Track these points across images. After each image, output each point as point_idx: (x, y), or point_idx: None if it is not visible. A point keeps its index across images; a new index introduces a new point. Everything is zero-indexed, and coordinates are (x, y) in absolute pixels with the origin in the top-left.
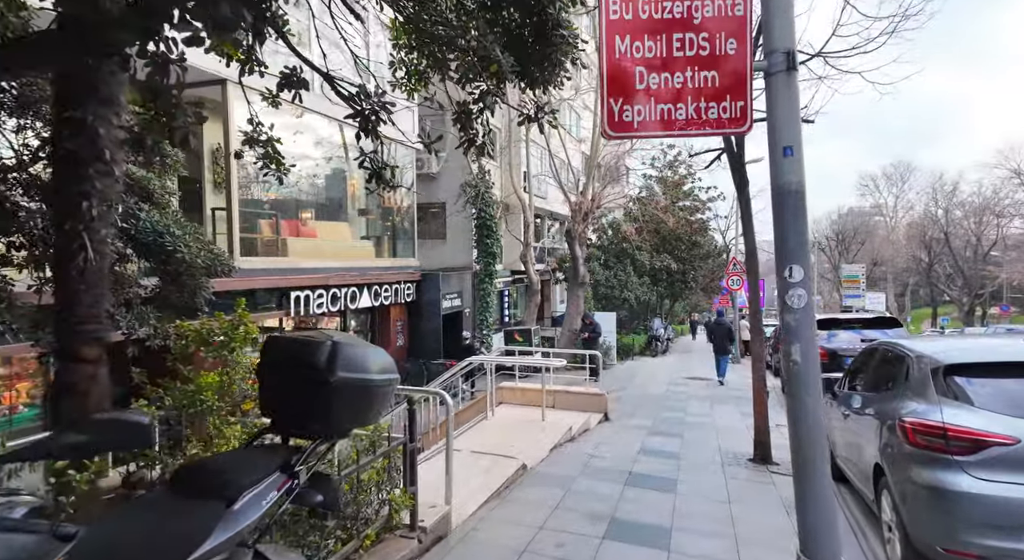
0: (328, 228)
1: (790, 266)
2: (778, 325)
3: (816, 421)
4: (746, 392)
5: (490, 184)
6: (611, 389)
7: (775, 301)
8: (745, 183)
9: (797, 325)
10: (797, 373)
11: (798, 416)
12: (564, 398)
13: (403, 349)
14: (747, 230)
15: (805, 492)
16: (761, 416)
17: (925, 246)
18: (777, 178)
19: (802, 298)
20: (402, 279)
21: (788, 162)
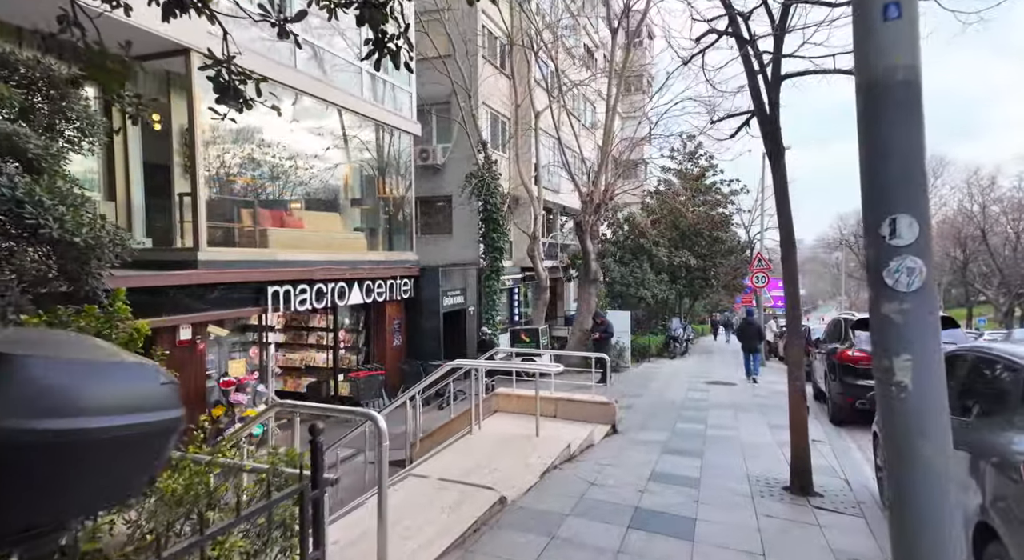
0: (317, 218)
1: (892, 217)
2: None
3: (943, 493)
4: (772, 399)
5: (497, 174)
6: (623, 394)
7: None
8: (780, 151)
9: (905, 322)
10: (905, 405)
11: (909, 482)
12: (566, 407)
13: (400, 349)
14: (782, 209)
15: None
16: (800, 436)
17: (960, 244)
18: (870, 61)
19: (915, 274)
20: (398, 274)
21: (890, 29)
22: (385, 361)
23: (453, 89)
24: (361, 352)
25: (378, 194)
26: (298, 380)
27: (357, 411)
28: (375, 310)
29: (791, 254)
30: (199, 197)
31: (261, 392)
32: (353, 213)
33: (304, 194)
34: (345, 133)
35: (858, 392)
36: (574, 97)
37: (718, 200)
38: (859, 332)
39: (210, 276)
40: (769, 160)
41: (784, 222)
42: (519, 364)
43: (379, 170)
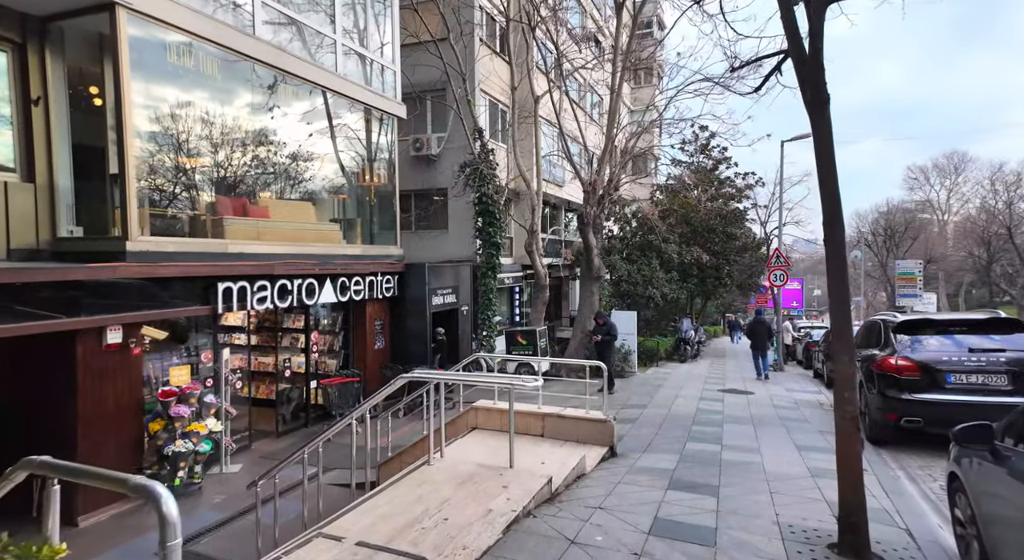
0: (284, 207)
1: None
2: (826, 328)
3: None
4: (796, 411)
5: (494, 165)
6: (626, 404)
7: (813, 302)
8: (823, 99)
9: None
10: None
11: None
12: (556, 425)
13: (384, 352)
14: (826, 176)
15: None
16: (850, 479)
17: (984, 242)
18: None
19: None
20: (379, 271)
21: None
22: (365, 365)
23: (447, 74)
24: (339, 356)
25: (358, 182)
26: (272, 386)
27: (132, 482)
28: (354, 310)
29: (837, 235)
30: (128, 178)
31: (211, 402)
32: (328, 203)
33: (269, 180)
34: (329, 114)
35: (902, 407)
36: (580, 89)
37: (732, 194)
38: (902, 336)
39: (142, 270)
40: (809, 113)
41: (829, 193)
42: (486, 377)
43: (359, 156)
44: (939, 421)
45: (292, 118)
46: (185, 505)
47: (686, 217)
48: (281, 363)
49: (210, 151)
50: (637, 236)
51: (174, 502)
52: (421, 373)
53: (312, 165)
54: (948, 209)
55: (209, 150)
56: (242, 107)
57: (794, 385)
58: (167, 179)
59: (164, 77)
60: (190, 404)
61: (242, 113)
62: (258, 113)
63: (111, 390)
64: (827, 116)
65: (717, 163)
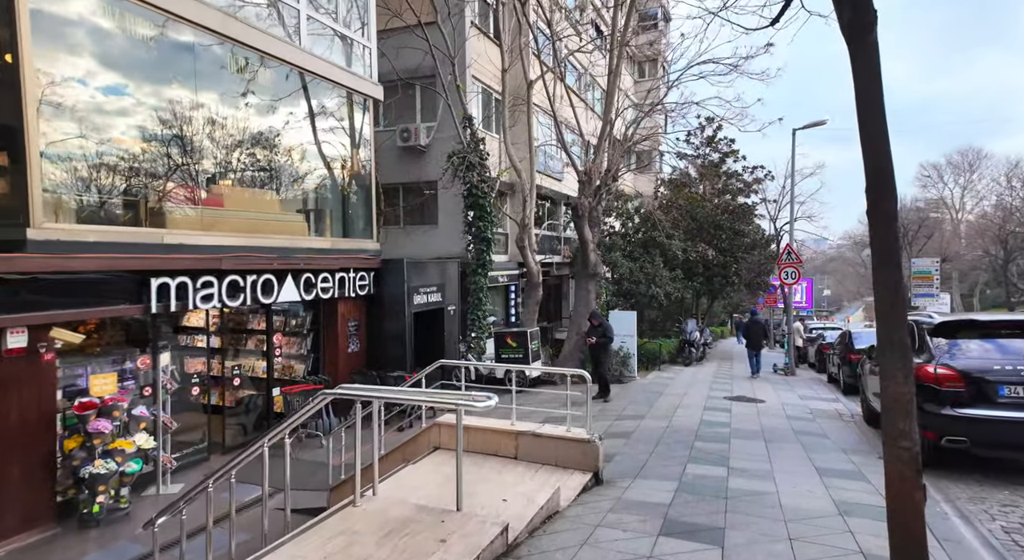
0: (243, 195)
1: None
2: (841, 329)
3: None
4: (812, 423)
5: (485, 155)
6: (621, 416)
7: (823, 302)
8: (867, 19)
9: None
10: None
11: None
12: (531, 445)
13: (358, 356)
14: (870, 120)
15: None
16: (908, 543)
17: (1000, 240)
18: None
19: None
20: (352, 266)
21: None
22: (337, 370)
23: (434, 59)
24: (308, 360)
25: (329, 170)
26: (236, 393)
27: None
28: (325, 309)
29: (886, 204)
30: (30, 156)
31: (141, 415)
32: (294, 191)
33: (224, 165)
34: (307, 95)
35: (943, 425)
36: (580, 80)
37: (740, 188)
38: (940, 340)
39: (49, 263)
40: (848, 40)
41: (874, 146)
42: (422, 394)
43: (331, 141)
44: (989, 442)
45: (251, 96)
46: (104, 536)
47: (691, 213)
48: (238, 368)
49: (149, 130)
50: (640, 232)
51: None
52: (345, 390)
53: (274, 149)
54: (962, 207)
55: (148, 129)
56: (186, 82)
57: (808, 391)
58: (93, 162)
59: (81, 42)
60: (113, 418)
61: (185, 89)
62: (206, 90)
63: (15, 402)
64: (872, 42)
65: (724, 156)
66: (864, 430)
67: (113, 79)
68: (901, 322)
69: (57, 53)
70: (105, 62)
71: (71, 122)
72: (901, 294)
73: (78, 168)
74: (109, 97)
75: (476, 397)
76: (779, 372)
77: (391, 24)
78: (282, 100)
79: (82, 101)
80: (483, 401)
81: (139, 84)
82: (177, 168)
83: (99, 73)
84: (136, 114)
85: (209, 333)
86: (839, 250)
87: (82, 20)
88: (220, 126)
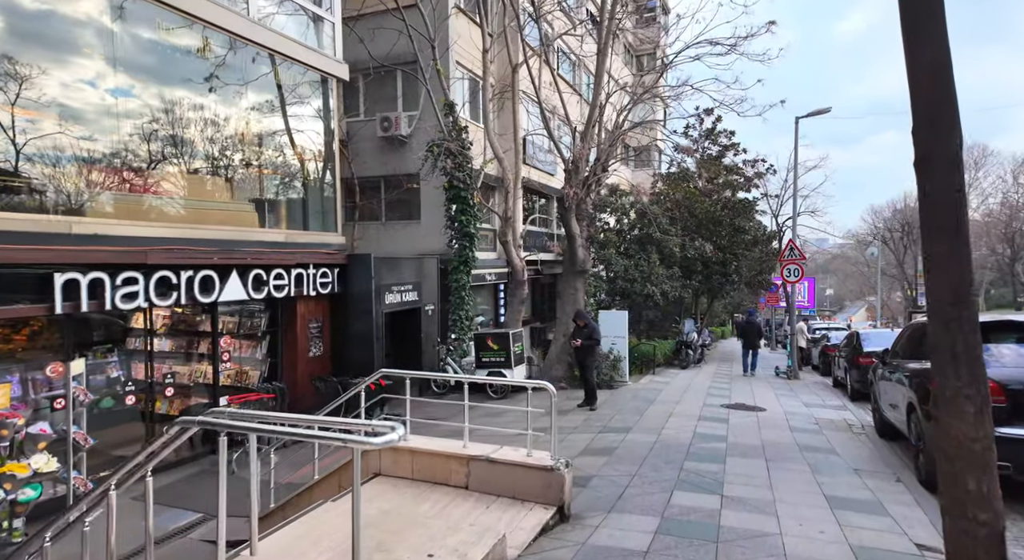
0: (179, 180)
1: None
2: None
3: None
4: (819, 435)
5: (467, 144)
6: (606, 428)
7: (824, 301)
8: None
9: None
10: None
11: None
12: (485, 473)
13: (322, 360)
14: (923, 24)
15: None
16: None
17: (1006, 239)
18: None
19: None
20: (312, 261)
21: None
22: (296, 376)
23: (412, 42)
24: (264, 365)
25: (284, 156)
26: (187, 401)
27: None
28: (284, 309)
29: (945, 147)
30: None
31: (41, 434)
32: (240, 177)
33: (157, 147)
34: (277, 78)
35: None
36: (576, 71)
37: (740, 183)
38: None
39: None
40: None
41: (929, 59)
42: (326, 423)
43: (287, 123)
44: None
45: (184, 67)
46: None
47: (690, 208)
48: (172, 375)
49: (54, 101)
50: (636, 229)
51: None
52: (212, 419)
53: (216, 129)
54: (967, 204)
55: (53, 100)
56: (100, 45)
57: (812, 397)
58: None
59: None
60: (1, 437)
61: (98, 56)
62: (127, 58)
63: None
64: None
65: (724, 149)
66: (877, 444)
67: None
68: (969, 322)
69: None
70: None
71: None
72: (967, 280)
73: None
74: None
75: (378, 428)
76: (781, 375)
77: (369, 5)
78: (224, 72)
79: None
80: (384, 434)
81: (46, 48)
82: (103, 151)
83: None
84: (40, 84)
85: (154, 335)
86: (842, 249)
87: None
88: (145, 101)
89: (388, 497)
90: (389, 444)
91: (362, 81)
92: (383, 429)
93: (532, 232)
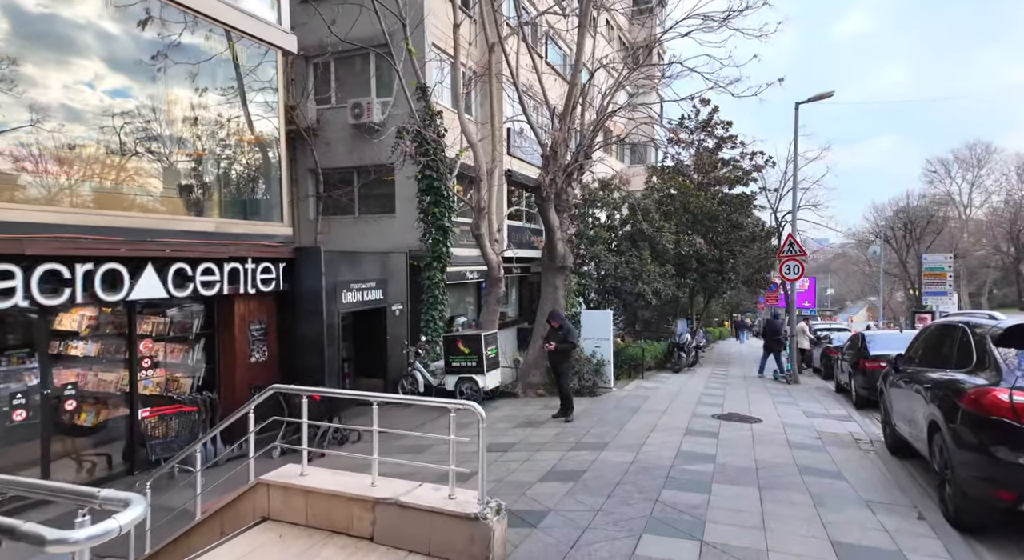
0: (83, 160)
1: None
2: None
3: None
4: (822, 453)
5: (441, 131)
6: (579, 444)
7: (825, 301)
8: None
9: None
10: None
11: None
12: (393, 521)
13: (267, 367)
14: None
15: None
16: None
17: (1010, 237)
18: None
19: None
20: (251, 255)
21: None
22: (234, 385)
23: (379, 19)
24: (198, 372)
25: (219, 135)
26: (113, 411)
27: None
28: (221, 309)
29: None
30: None
31: None
32: (158, 156)
33: (37, 116)
34: (203, 40)
35: None
36: (568, 62)
37: (737, 177)
38: (1008, 351)
39: None
40: None
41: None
42: None
43: (219, 97)
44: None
45: (100, 36)
46: None
47: (684, 203)
48: (72, 385)
49: None
50: (628, 224)
51: None
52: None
53: (126, 99)
54: (970, 203)
55: None
56: None
57: (813, 405)
58: None
59: None
60: None
61: None
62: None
63: None
64: None
65: (721, 141)
66: (889, 464)
67: None
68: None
69: None
70: None
71: None
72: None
73: None
74: None
75: (106, 502)
76: (780, 379)
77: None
78: (136, 32)
79: None
80: (95, 527)
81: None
82: None
83: None
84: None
85: (61, 337)
86: (843, 248)
87: None
88: (19, 49)
89: (268, 553)
90: (94, 542)
91: (334, 66)
92: (114, 503)
93: (519, 228)
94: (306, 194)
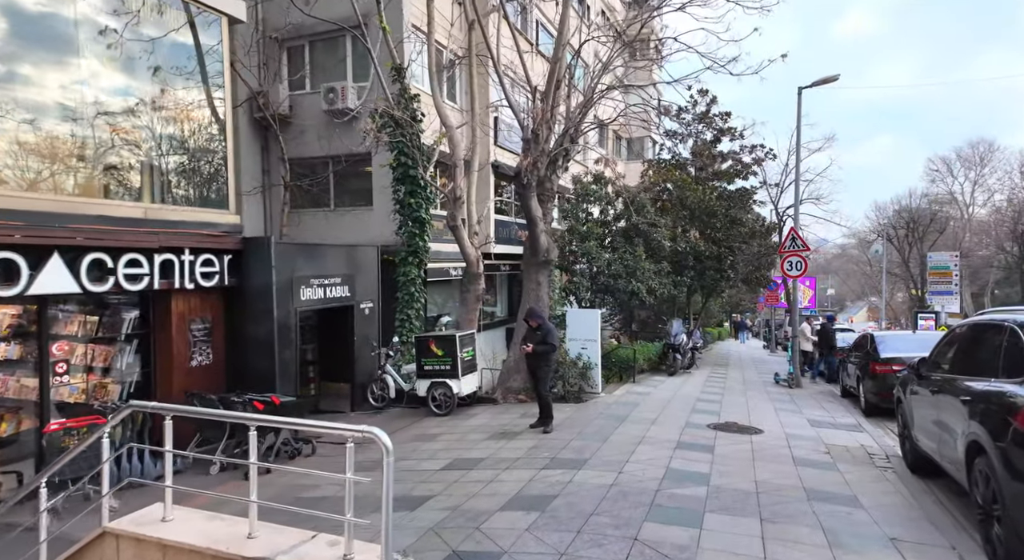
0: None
1: None
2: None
3: None
4: (832, 472)
5: (417, 115)
6: (554, 461)
7: (825, 301)
8: None
9: None
10: None
11: None
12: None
13: (211, 371)
14: None
15: None
16: None
17: (1014, 236)
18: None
19: None
20: (188, 245)
21: None
22: (171, 392)
23: (353, 5)
24: (130, 377)
25: (149, 109)
26: (26, 421)
27: None
28: (157, 306)
29: None
30: None
31: None
32: (76, 132)
33: None
34: None
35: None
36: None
37: (737, 170)
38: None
39: None
40: None
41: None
42: None
43: (159, 68)
44: None
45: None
46: None
47: (681, 198)
48: None
49: None
50: (622, 220)
51: None
52: None
53: (41, 63)
54: (972, 201)
55: None
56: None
57: (819, 412)
58: None
59: None
60: None
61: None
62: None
63: None
64: None
65: (720, 133)
66: (911, 486)
67: None
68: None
69: None
70: None
71: None
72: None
73: None
74: None
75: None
76: (781, 383)
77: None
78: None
79: None
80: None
81: None
82: None
83: None
84: None
85: None
86: (843, 248)
87: None
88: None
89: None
90: None
91: (308, 49)
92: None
93: (507, 222)
94: (274, 184)
